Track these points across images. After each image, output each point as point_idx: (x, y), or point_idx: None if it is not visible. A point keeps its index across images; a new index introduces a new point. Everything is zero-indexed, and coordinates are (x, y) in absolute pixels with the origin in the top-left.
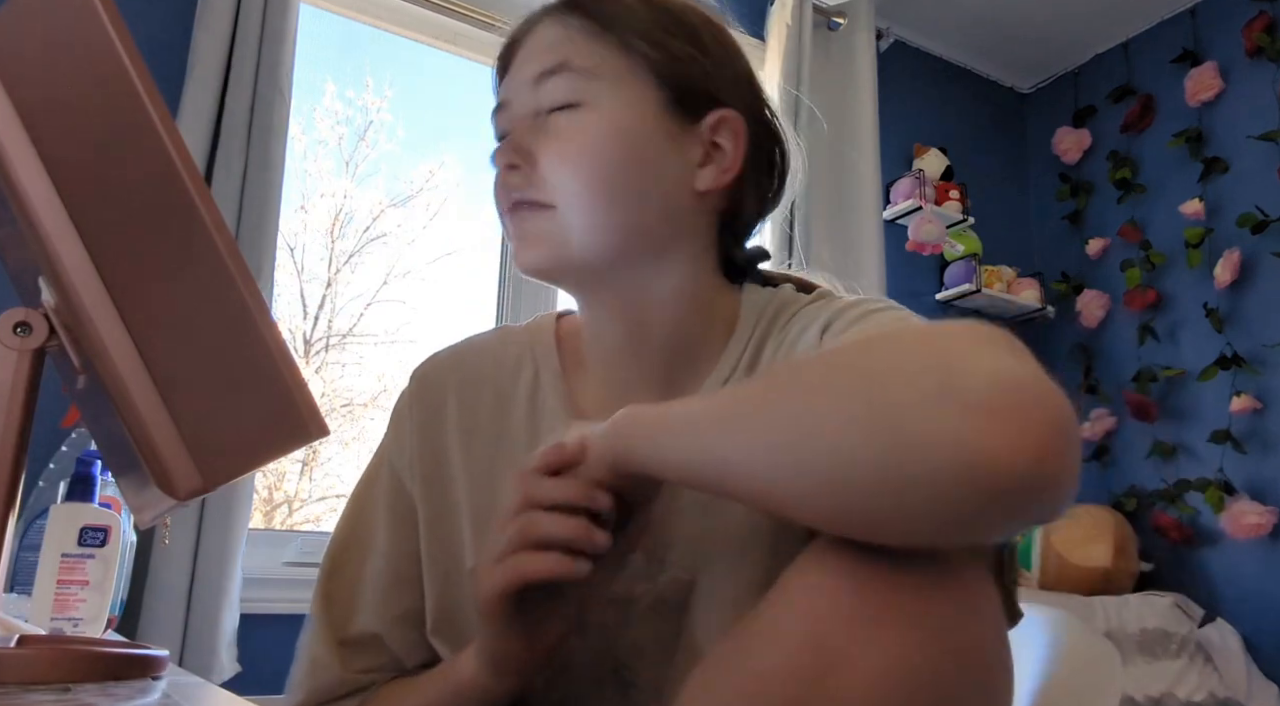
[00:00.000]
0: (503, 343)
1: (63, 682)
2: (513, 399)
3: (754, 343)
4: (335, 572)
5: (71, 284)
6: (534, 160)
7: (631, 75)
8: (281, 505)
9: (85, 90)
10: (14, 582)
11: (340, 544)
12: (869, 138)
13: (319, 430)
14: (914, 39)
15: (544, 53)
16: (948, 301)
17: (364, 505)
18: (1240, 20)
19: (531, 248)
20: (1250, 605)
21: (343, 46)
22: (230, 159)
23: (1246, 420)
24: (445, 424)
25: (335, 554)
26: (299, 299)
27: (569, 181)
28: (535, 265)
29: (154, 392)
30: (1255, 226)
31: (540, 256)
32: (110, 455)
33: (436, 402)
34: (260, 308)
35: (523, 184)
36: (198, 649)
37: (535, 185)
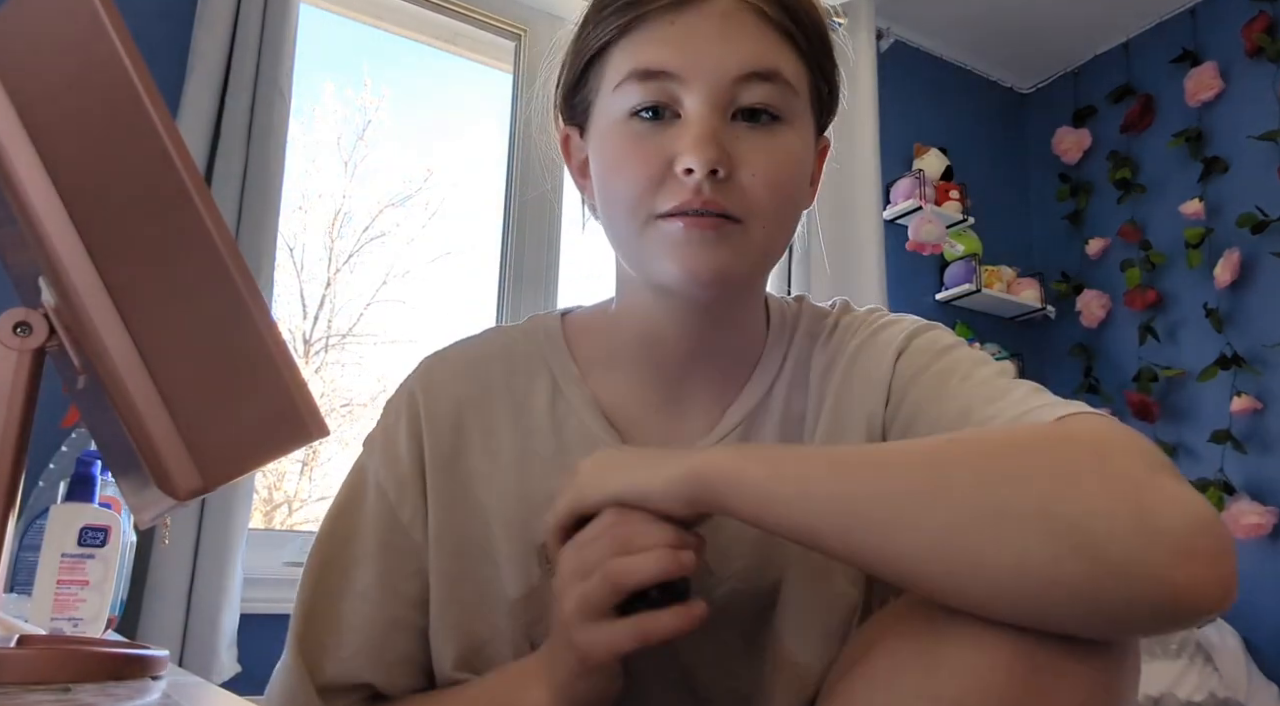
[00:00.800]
0: (507, 349)
1: (63, 682)
2: (531, 410)
3: (795, 349)
4: (310, 617)
5: (71, 284)
6: (733, 169)
7: (810, 96)
8: (281, 505)
9: (85, 90)
10: (14, 582)
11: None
12: (869, 138)
13: (319, 430)
14: (914, 39)
15: (749, 44)
16: (948, 301)
17: (342, 538)
18: (1240, 20)
19: (713, 260)
20: (1250, 605)
21: (343, 46)
22: (230, 159)
23: (1246, 420)
24: (467, 446)
25: (313, 592)
26: (299, 299)
27: (765, 202)
28: (713, 279)
29: (154, 392)
30: (1255, 226)
31: (723, 271)
32: (110, 455)
33: (453, 423)
34: (260, 308)
35: (717, 192)
36: (198, 649)
37: (729, 196)
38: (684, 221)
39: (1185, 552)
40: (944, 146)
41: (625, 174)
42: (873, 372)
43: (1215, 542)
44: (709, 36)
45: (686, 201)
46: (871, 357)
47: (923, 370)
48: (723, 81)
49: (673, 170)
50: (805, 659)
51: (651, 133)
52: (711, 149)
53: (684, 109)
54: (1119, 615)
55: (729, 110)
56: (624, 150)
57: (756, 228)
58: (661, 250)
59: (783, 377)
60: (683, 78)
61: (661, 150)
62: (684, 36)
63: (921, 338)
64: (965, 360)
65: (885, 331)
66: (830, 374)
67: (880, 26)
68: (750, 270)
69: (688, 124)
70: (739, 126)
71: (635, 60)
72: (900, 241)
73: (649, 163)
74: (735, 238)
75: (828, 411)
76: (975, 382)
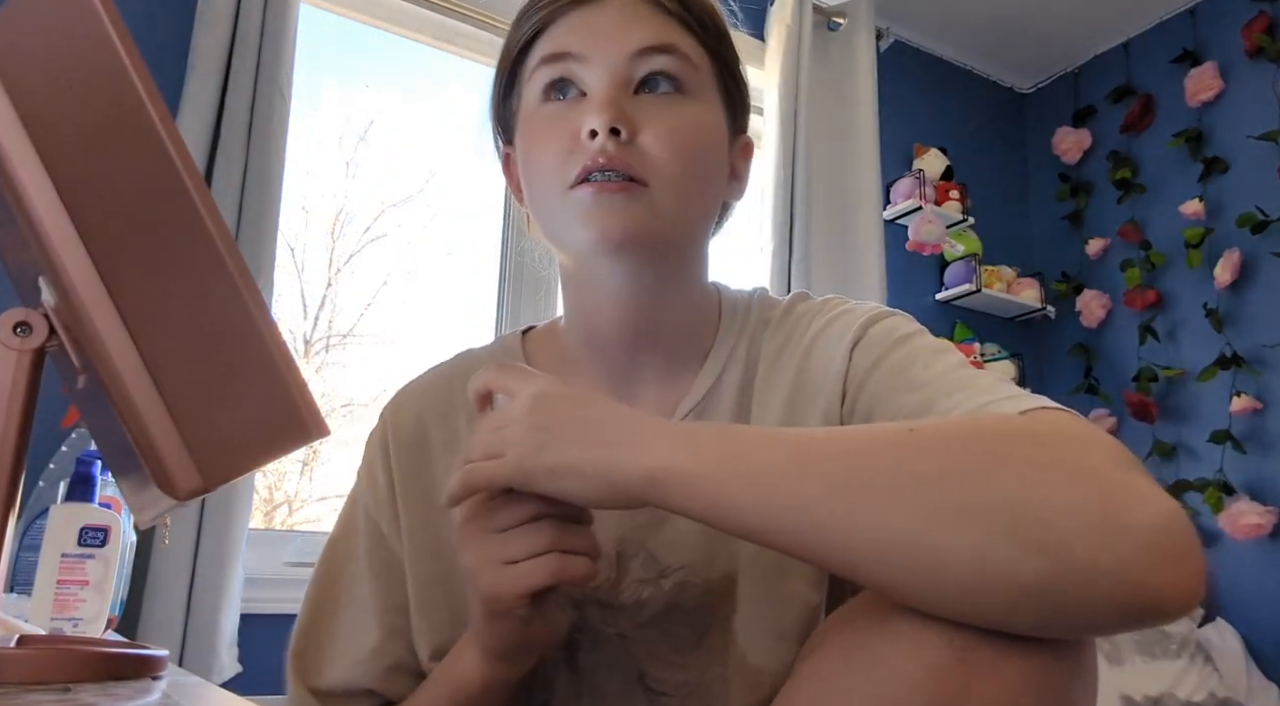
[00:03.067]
0: (470, 365)
1: (63, 682)
2: None
3: (746, 338)
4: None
5: (71, 284)
6: (635, 131)
7: (712, 80)
8: (281, 505)
9: (85, 90)
10: (14, 582)
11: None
12: (869, 138)
13: (319, 430)
14: (914, 39)
15: (645, 27)
16: (948, 301)
17: (339, 562)
18: (1240, 20)
19: (622, 218)
20: (1250, 605)
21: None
22: (230, 159)
23: (1246, 420)
24: (430, 456)
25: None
26: (299, 299)
27: (668, 164)
28: (623, 237)
29: (154, 392)
30: (1255, 226)
31: (632, 229)
32: (110, 455)
33: (416, 437)
34: (260, 308)
35: (620, 153)
36: (198, 649)
37: (632, 156)
38: (593, 187)
39: (1152, 552)
40: (944, 146)
41: (540, 152)
42: (828, 363)
43: (1183, 542)
44: (609, 23)
45: (592, 162)
46: (826, 347)
47: (881, 359)
48: (621, 57)
49: (580, 140)
50: (758, 661)
51: (561, 111)
52: (611, 109)
53: (589, 86)
54: (1082, 615)
55: (631, 84)
56: (539, 131)
57: (663, 190)
58: (576, 218)
59: (732, 368)
60: (585, 57)
61: (570, 124)
62: (586, 25)
63: (878, 326)
64: (926, 349)
65: (840, 320)
66: (780, 363)
67: (880, 26)
68: (662, 232)
69: (591, 95)
70: (643, 97)
71: (548, 47)
72: (900, 241)
73: (560, 136)
74: (642, 199)
75: (780, 404)
76: (937, 372)
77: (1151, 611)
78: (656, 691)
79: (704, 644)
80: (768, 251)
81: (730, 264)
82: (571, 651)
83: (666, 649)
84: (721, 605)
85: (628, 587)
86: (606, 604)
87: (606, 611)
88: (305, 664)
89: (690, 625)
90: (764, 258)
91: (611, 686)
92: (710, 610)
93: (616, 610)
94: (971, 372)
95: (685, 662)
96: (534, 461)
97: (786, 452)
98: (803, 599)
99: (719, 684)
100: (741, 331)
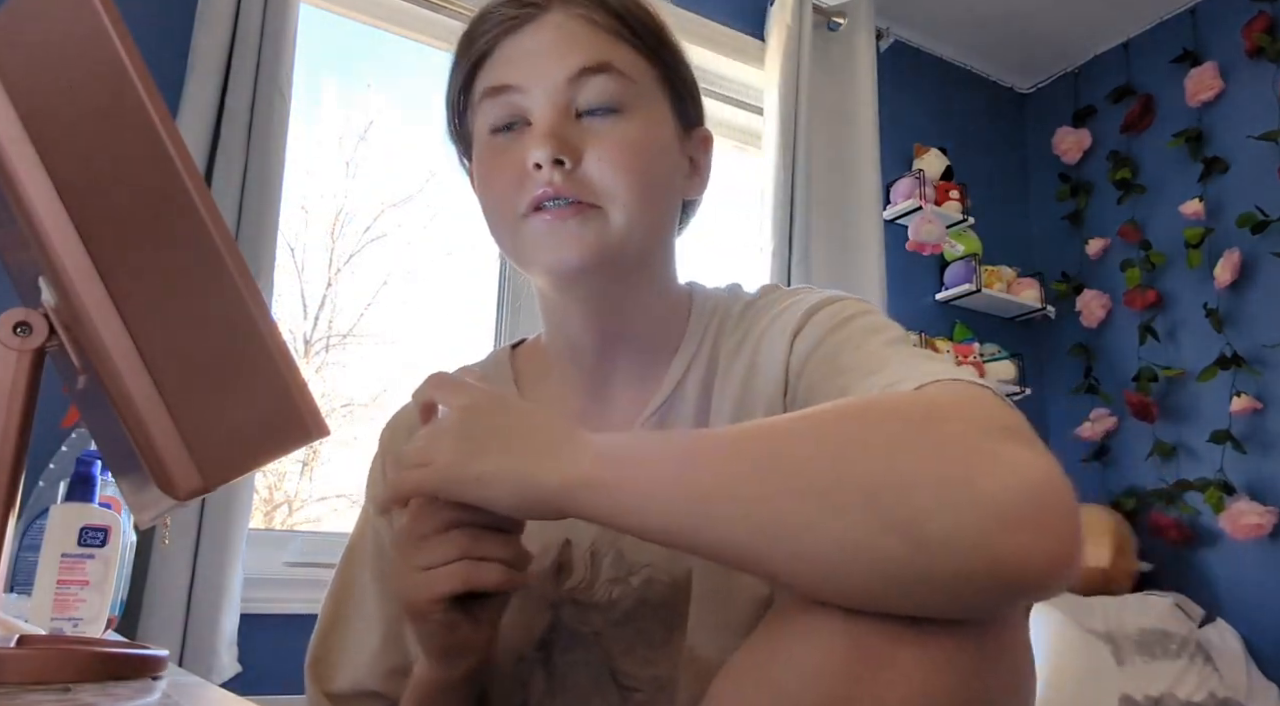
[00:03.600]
0: None
1: (63, 682)
2: None
3: (710, 335)
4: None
5: (71, 284)
6: (579, 158)
7: (655, 86)
8: (281, 505)
9: (85, 90)
10: (14, 582)
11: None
12: (869, 138)
13: (319, 430)
14: (914, 39)
15: (580, 47)
16: (948, 301)
17: (349, 574)
18: (1240, 20)
19: (576, 245)
20: (1250, 605)
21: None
22: (230, 159)
23: (1246, 420)
24: None
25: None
26: (299, 299)
27: (615, 184)
28: (580, 264)
29: (154, 392)
30: (1255, 226)
31: (587, 255)
32: (110, 455)
33: None
34: (260, 308)
35: (567, 181)
36: (198, 649)
37: (578, 183)
38: (547, 215)
39: (1006, 521)
40: (944, 146)
41: (492, 184)
42: (774, 355)
43: (1045, 510)
44: (544, 49)
45: (541, 193)
46: (774, 340)
47: (816, 347)
48: (559, 82)
49: (528, 171)
50: (707, 653)
51: (509, 144)
52: (552, 141)
53: (532, 116)
54: (946, 592)
55: (572, 108)
56: (489, 164)
57: (615, 210)
58: (533, 245)
59: (696, 366)
60: (525, 88)
61: (517, 156)
62: (522, 54)
63: (820, 313)
64: (858, 332)
65: (789, 310)
66: (737, 357)
67: (880, 26)
68: (618, 251)
69: (534, 127)
70: (585, 120)
71: (486, 81)
72: (900, 241)
73: (508, 168)
74: (594, 222)
75: (734, 399)
76: (862, 356)
77: (1014, 584)
78: (628, 687)
79: (672, 640)
80: (768, 251)
81: (730, 264)
82: (548, 651)
83: (638, 645)
84: (686, 601)
85: (600, 587)
86: (582, 603)
87: (582, 610)
88: (320, 671)
89: (658, 621)
90: (764, 258)
91: (585, 684)
92: (675, 606)
93: (591, 609)
94: (892, 352)
95: (655, 658)
96: (458, 471)
97: (679, 453)
98: (750, 591)
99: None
100: (708, 329)
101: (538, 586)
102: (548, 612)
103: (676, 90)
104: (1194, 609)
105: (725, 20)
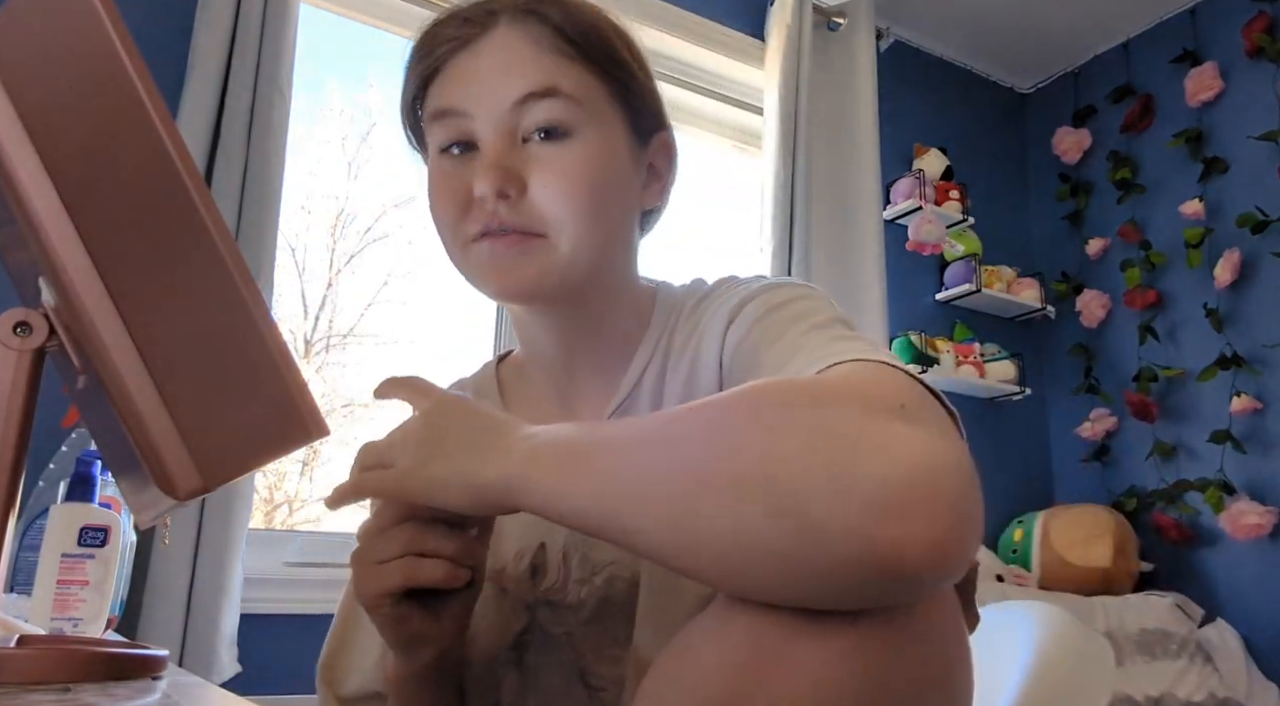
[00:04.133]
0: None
1: (63, 682)
2: None
3: (667, 332)
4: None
5: (71, 284)
6: (523, 188)
7: (605, 102)
8: (281, 505)
9: (85, 90)
10: (14, 582)
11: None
12: (869, 138)
13: (319, 430)
14: (914, 39)
15: (525, 70)
16: (948, 301)
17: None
18: (1240, 20)
19: (520, 275)
20: (1250, 605)
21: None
22: (230, 159)
23: (1246, 420)
24: None
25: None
26: (300, 299)
27: (560, 212)
28: (526, 291)
29: (154, 393)
30: (1255, 226)
31: (531, 283)
32: (110, 455)
33: None
34: (260, 308)
35: (512, 213)
36: (198, 649)
37: (523, 213)
38: (490, 242)
39: (885, 507)
40: (944, 146)
41: (439, 207)
42: (711, 348)
43: (931, 495)
44: (490, 70)
45: (486, 225)
46: (712, 331)
47: (744, 338)
48: (504, 109)
49: (474, 198)
50: (650, 653)
51: (456, 167)
52: (495, 174)
53: (478, 139)
54: (833, 582)
55: (516, 135)
56: (437, 186)
57: (560, 238)
58: (479, 271)
59: (653, 363)
60: (471, 112)
61: (464, 181)
62: (469, 74)
63: (753, 302)
64: (781, 321)
65: (727, 303)
66: (686, 351)
67: (880, 26)
68: (565, 277)
69: (480, 156)
70: (531, 146)
71: (435, 102)
72: (900, 241)
73: (455, 193)
74: (539, 252)
75: (677, 396)
76: (782, 344)
77: (892, 572)
78: (595, 687)
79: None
80: (768, 251)
81: (730, 264)
82: (521, 652)
83: (606, 644)
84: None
85: (571, 587)
86: (555, 604)
87: (555, 611)
88: (330, 676)
89: (622, 619)
90: (764, 258)
91: (556, 684)
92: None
93: (564, 609)
94: (807, 338)
95: (621, 657)
96: (412, 476)
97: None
98: (695, 589)
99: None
100: (665, 326)
101: (514, 588)
102: (524, 614)
103: (630, 103)
104: (1194, 609)
105: (725, 20)
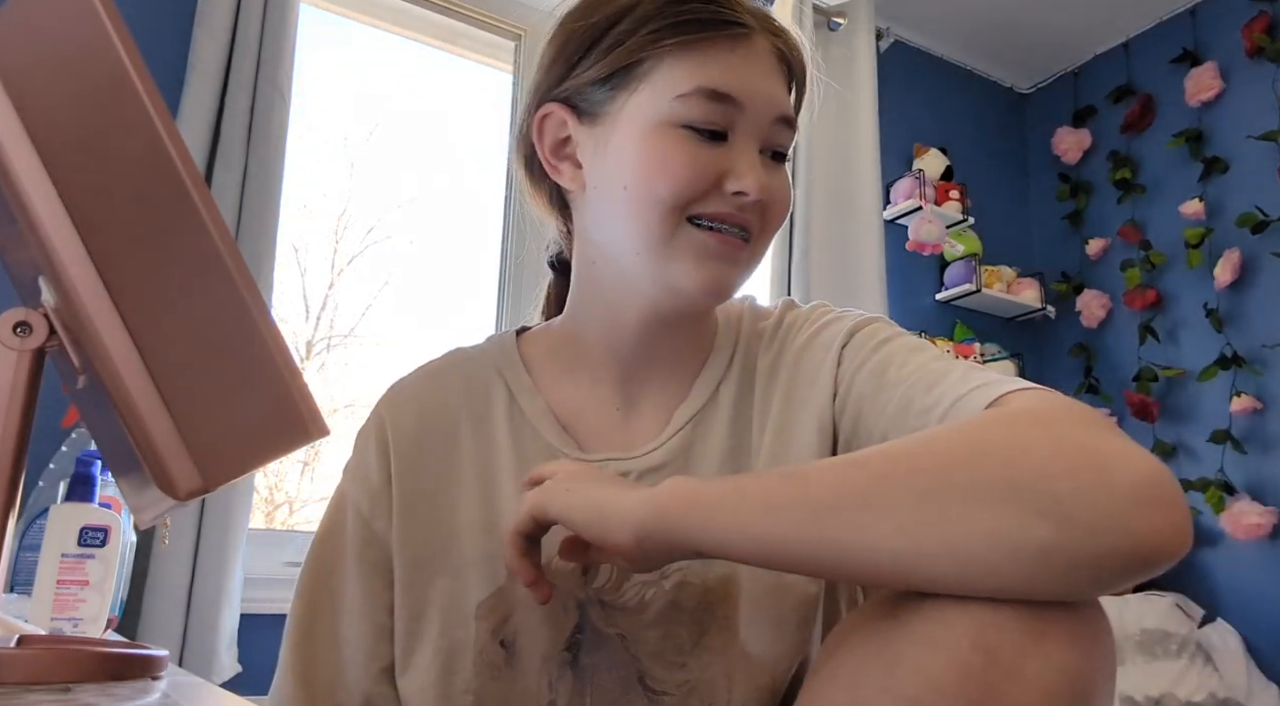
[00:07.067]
0: (464, 364)
1: (63, 682)
2: (489, 419)
3: (741, 349)
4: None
5: (71, 284)
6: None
7: None
8: (282, 505)
9: (85, 90)
10: (14, 582)
11: (308, 603)
12: (869, 138)
13: (319, 430)
14: (914, 39)
15: (780, 92)
16: (948, 301)
17: (329, 561)
18: (1240, 20)
19: (725, 277)
20: (1250, 605)
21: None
22: (230, 159)
23: (1246, 420)
24: (430, 454)
25: (304, 615)
26: (301, 299)
27: (771, 227)
28: (719, 293)
29: (154, 393)
30: (1255, 226)
31: (728, 289)
32: (110, 455)
33: (416, 435)
34: (260, 308)
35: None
36: (198, 649)
37: (755, 221)
38: (715, 237)
39: (1142, 503)
40: (944, 146)
41: (672, 177)
42: (818, 370)
43: (1167, 492)
44: (762, 73)
45: (728, 214)
46: (815, 355)
47: (864, 362)
48: (768, 119)
49: (720, 186)
50: (757, 650)
51: (702, 146)
52: (763, 181)
53: (735, 134)
54: (1091, 570)
55: (766, 148)
56: (673, 155)
57: (758, 247)
58: (688, 254)
59: (730, 378)
60: (744, 106)
61: (714, 165)
62: (746, 68)
63: (862, 331)
64: (901, 349)
65: (828, 329)
66: (776, 373)
67: (880, 26)
68: (736, 289)
69: (743, 151)
70: (765, 159)
71: (704, 78)
72: (900, 241)
73: (701, 175)
74: (743, 261)
75: (776, 413)
76: (912, 370)
77: (1151, 558)
78: (656, 691)
79: (703, 643)
80: (768, 251)
81: None
82: (575, 651)
83: (667, 649)
84: (720, 604)
85: (630, 588)
86: (608, 604)
87: (608, 611)
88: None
89: (689, 625)
90: (764, 257)
91: (612, 686)
92: (709, 609)
93: (618, 611)
94: (946, 365)
95: (685, 662)
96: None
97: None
98: (800, 588)
99: (721, 680)
100: (737, 342)
101: (561, 583)
102: (575, 612)
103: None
104: (1194, 609)
105: None
